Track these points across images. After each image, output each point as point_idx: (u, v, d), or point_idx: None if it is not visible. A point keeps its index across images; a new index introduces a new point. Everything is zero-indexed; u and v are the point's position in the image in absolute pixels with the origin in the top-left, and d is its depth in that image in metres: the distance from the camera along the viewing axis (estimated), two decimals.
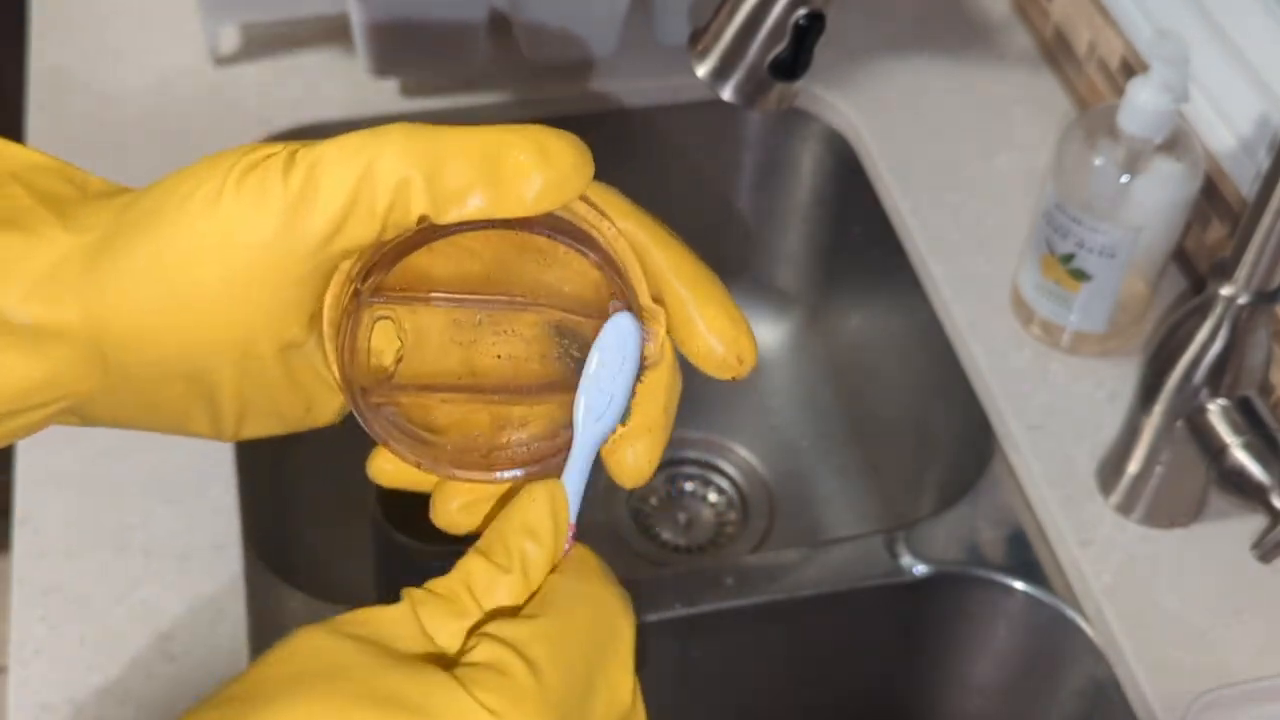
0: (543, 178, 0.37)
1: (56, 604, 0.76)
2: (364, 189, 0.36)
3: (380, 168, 0.36)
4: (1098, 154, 0.83)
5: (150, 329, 0.37)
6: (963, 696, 0.91)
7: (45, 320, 0.37)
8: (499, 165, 0.37)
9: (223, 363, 0.39)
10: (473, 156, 0.37)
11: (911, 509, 1.01)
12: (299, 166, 0.37)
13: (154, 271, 0.37)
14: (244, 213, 0.36)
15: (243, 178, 0.37)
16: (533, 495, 0.39)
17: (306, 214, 0.36)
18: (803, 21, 0.56)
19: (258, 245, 0.36)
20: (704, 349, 0.40)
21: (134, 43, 1.07)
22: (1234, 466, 0.74)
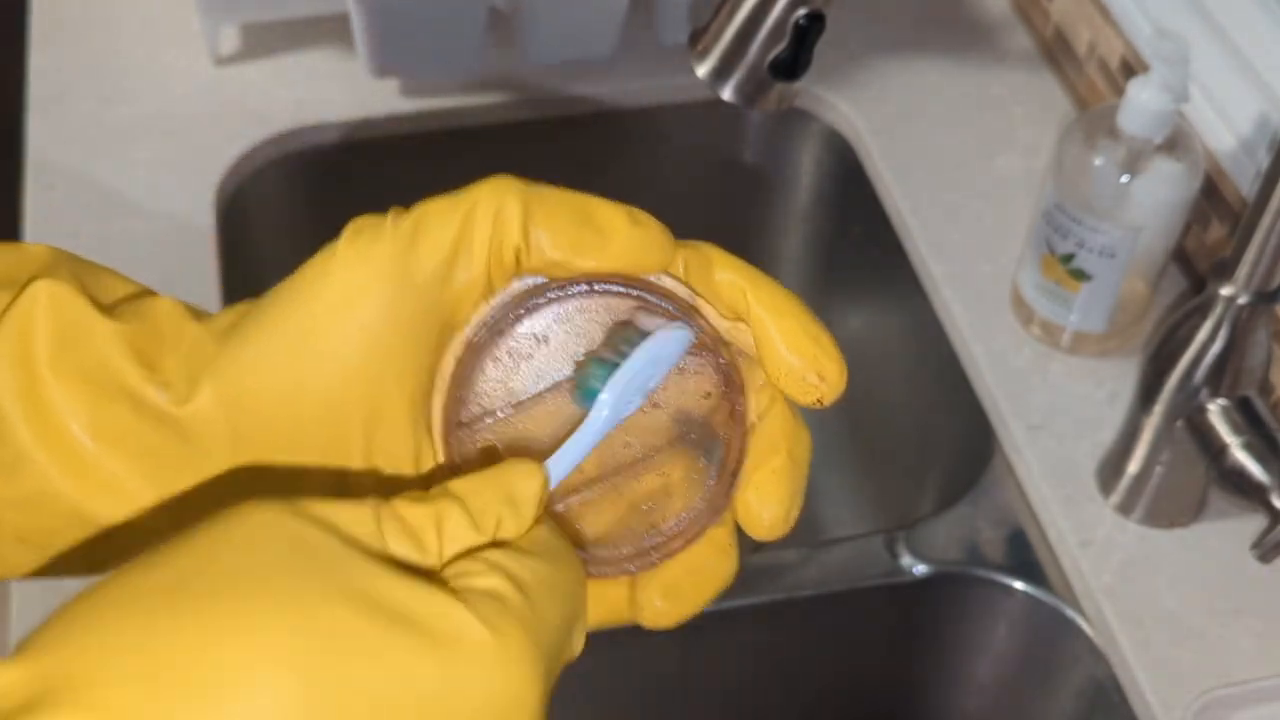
0: (629, 235, 0.39)
1: (56, 604, 0.76)
2: (467, 227, 0.38)
3: (480, 206, 0.38)
4: (1098, 154, 0.83)
5: (281, 399, 0.38)
6: (963, 696, 0.91)
7: (179, 408, 0.38)
8: (590, 216, 0.39)
9: (353, 426, 0.39)
10: (566, 205, 0.39)
11: (911, 509, 1.01)
12: (406, 219, 0.38)
13: (279, 337, 0.38)
14: (358, 266, 0.38)
15: (353, 237, 0.38)
16: (525, 471, 0.38)
17: (417, 257, 0.38)
18: (803, 21, 0.56)
19: (375, 295, 0.38)
20: (782, 365, 0.40)
21: (134, 43, 1.07)
22: (1234, 466, 0.74)
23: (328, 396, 0.38)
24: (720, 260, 0.41)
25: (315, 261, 0.38)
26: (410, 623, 0.33)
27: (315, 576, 0.32)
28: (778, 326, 0.40)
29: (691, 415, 0.40)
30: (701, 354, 0.40)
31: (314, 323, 0.38)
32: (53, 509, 0.38)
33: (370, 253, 0.38)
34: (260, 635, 0.31)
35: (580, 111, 1.07)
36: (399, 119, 1.04)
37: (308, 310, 0.38)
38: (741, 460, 0.40)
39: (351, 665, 0.32)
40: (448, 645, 0.33)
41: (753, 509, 0.41)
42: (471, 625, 0.33)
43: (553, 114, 1.07)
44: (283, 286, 0.39)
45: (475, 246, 0.38)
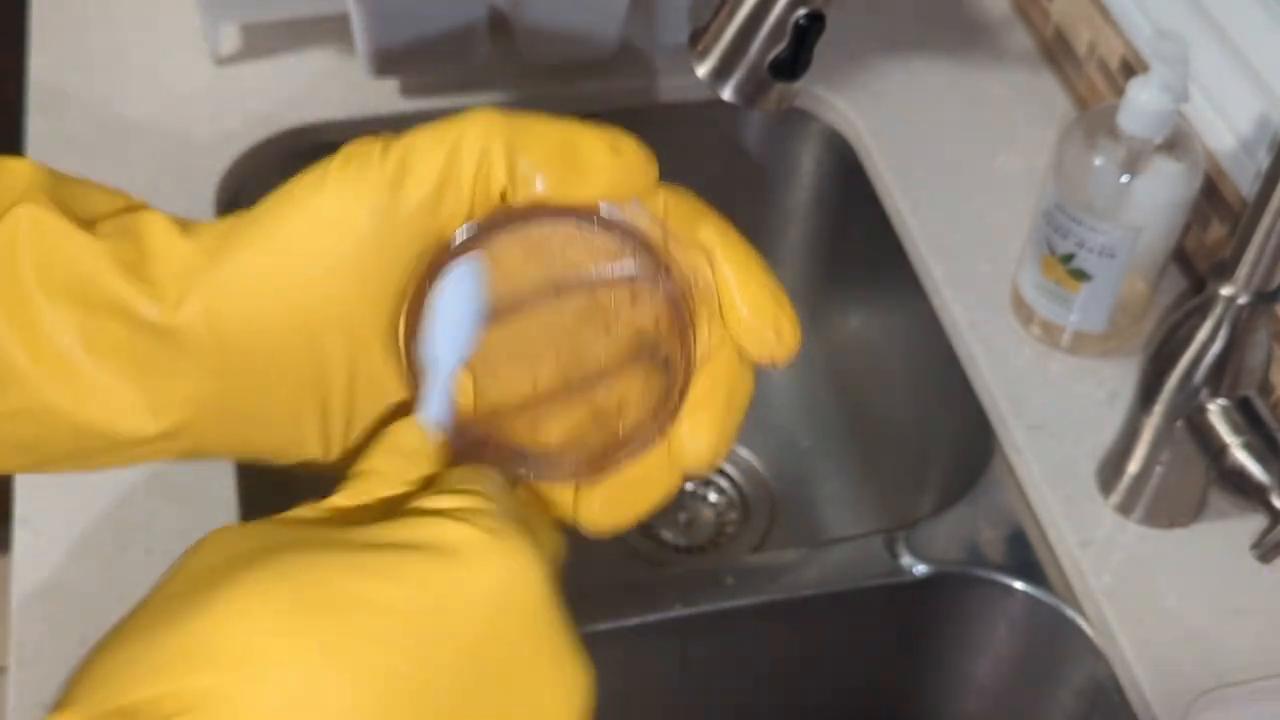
0: (610, 164, 0.40)
1: (56, 604, 0.76)
2: (452, 162, 0.39)
3: (466, 142, 0.39)
4: (1098, 154, 0.83)
5: (267, 314, 0.39)
6: (963, 696, 0.91)
7: (170, 319, 0.39)
8: (573, 150, 0.40)
9: (335, 350, 0.40)
10: (549, 139, 0.40)
11: (911, 509, 1.01)
12: (394, 149, 0.39)
13: (266, 254, 0.39)
14: (347, 191, 0.39)
15: (344, 163, 0.39)
16: (403, 424, 0.39)
17: (403, 188, 0.39)
18: (803, 21, 0.56)
19: (363, 221, 0.39)
20: (742, 320, 0.41)
21: (134, 43, 1.07)
22: (1234, 466, 0.74)
23: (308, 316, 0.39)
24: (695, 207, 0.42)
25: (306, 182, 0.39)
26: (399, 544, 0.34)
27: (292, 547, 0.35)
28: (741, 282, 0.41)
29: (648, 337, 0.41)
30: (660, 284, 0.41)
31: (298, 244, 0.39)
32: (48, 420, 0.39)
33: (358, 181, 0.39)
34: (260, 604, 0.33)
35: (580, 111, 1.07)
36: (399, 119, 1.04)
37: (293, 230, 0.39)
38: (687, 386, 0.41)
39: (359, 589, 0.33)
40: (444, 550, 0.34)
41: (684, 442, 0.42)
42: (460, 529, 0.35)
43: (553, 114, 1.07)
44: (272, 203, 0.40)
45: (462, 183, 0.39)
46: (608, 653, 0.82)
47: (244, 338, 0.39)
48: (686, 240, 0.42)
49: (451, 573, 0.34)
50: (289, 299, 0.39)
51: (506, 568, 0.35)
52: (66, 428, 0.39)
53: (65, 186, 0.41)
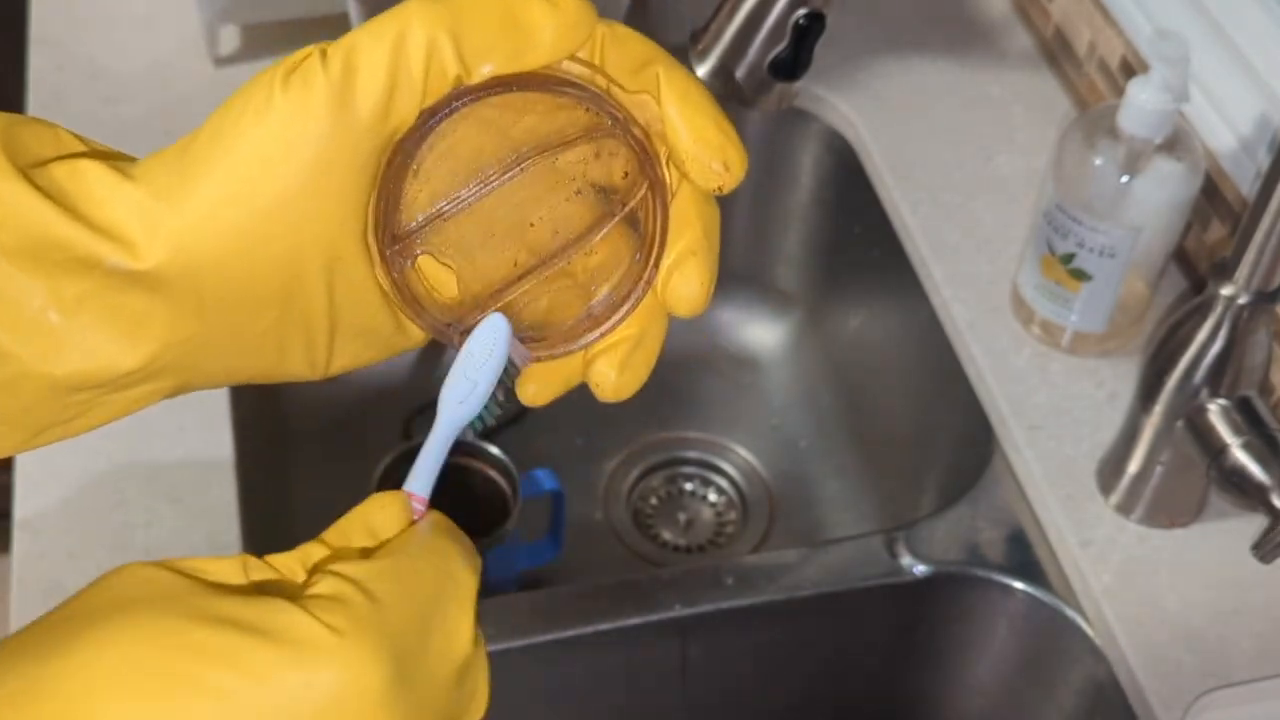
0: (554, 24, 0.39)
1: (56, 604, 0.76)
2: (399, 60, 0.38)
3: (410, 37, 0.38)
4: (1098, 154, 0.83)
5: (237, 249, 0.38)
6: (963, 696, 0.91)
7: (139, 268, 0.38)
8: (514, 18, 0.39)
9: (311, 270, 0.39)
10: (490, 14, 0.39)
11: (911, 509, 1.01)
12: (335, 56, 0.38)
13: (229, 190, 0.38)
14: (296, 110, 0.38)
15: (286, 81, 0.38)
16: (381, 503, 0.41)
17: (353, 96, 0.38)
18: (803, 21, 0.57)
19: (316, 138, 0.38)
20: (689, 151, 0.40)
21: (134, 43, 1.07)
22: (1234, 466, 0.74)
23: (279, 244, 0.39)
24: (631, 39, 0.42)
25: (252, 106, 0.38)
26: (253, 629, 0.36)
27: (162, 604, 0.36)
28: (685, 113, 0.41)
29: (612, 194, 0.41)
30: (615, 135, 0.40)
31: (257, 172, 0.38)
32: (29, 386, 0.38)
33: (305, 98, 0.38)
34: (107, 656, 0.35)
35: None
36: None
37: (249, 159, 0.38)
38: (665, 229, 0.41)
39: (196, 668, 0.35)
40: (287, 643, 0.36)
41: (674, 286, 0.42)
42: (308, 625, 0.36)
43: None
44: (219, 130, 0.39)
45: (413, 80, 0.38)
46: (608, 653, 0.82)
47: (216, 274, 0.38)
48: (628, 80, 0.41)
49: (289, 668, 0.35)
50: (257, 230, 0.38)
51: (344, 670, 0.36)
52: (48, 390, 0.39)
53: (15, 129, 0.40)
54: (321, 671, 0.36)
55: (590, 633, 0.79)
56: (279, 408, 1.02)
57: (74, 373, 0.38)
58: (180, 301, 0.38)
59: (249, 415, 0.88)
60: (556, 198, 0.41)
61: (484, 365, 0.41)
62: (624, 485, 1.10)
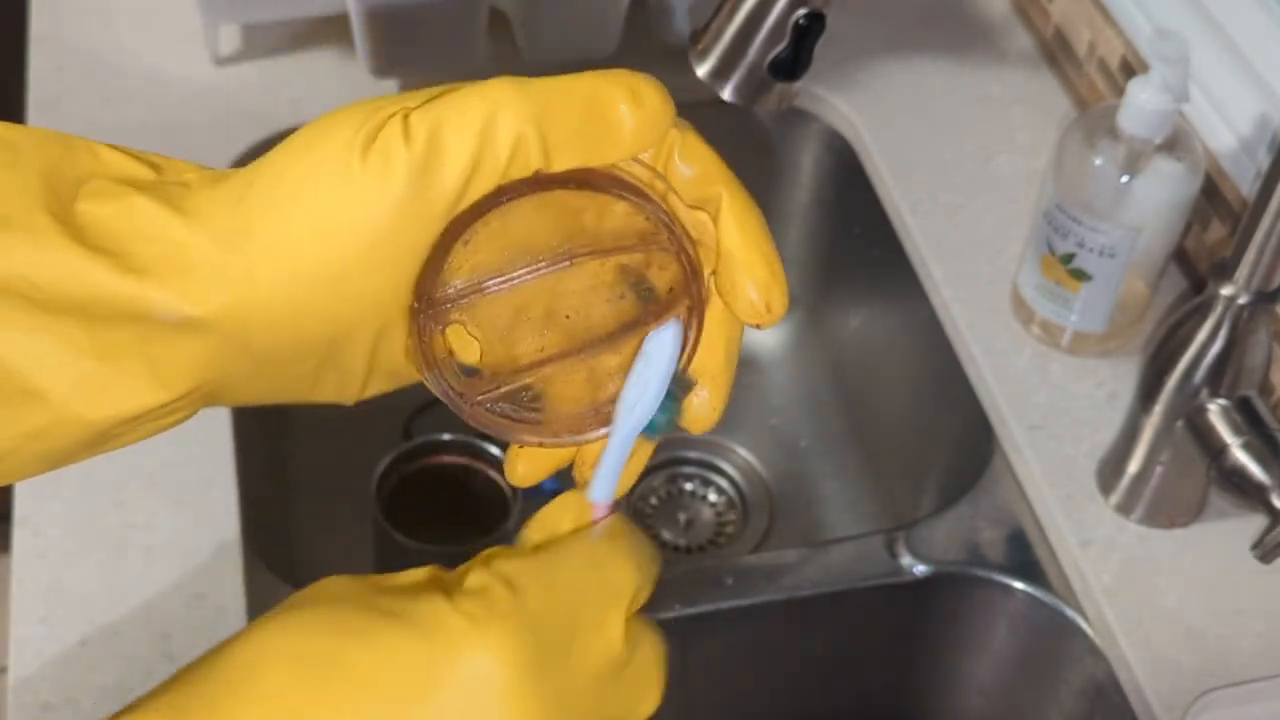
0: (636, 123, 0.40)
1: (56, 604, 0.76)
2: (485, 147, 0.38)
3: (499, 126, 0.38)
4: (1098, 154, 0.83)
5: (293, 311, 0.38)
6: (963, 696, 0.91)
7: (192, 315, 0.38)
8: (599, 113, 0.39)
9: (363, 333, 0.40)
10: (575, 108, 0.39)
11: (911, 509, 1.01)
12: (419, 131, 0.37)
13: (293, 253, 0.38)
14: (373, 185, 0.37)
15: (366, 150, 0.37)
16: (562, 504, 0.43)
17: (435, 178, 0.38)
18: (803, 21, 0.56)
19: (390, 215, 0.37)
20: (737, 288, 0.41)
21: (134, 43, 1.07)
22: (1234, 466, 0.74)
23: (335, 310, 0.39)
24: (701, 152, 0.41)
25: (327, 167, 0.38)
26: (392, 614, 0.39)
27: (335, 598, 0.40)
28: (741, 245, 0.41)
29: (651, 302, 0.41)
30: (669, 250, 0.41)
31: (325, 245, 0.38)
32: (69, 430, 0.38)
33: (385, 178, 0.37)
34: (274, 637, 0.39)
35: None
36: None
37: (319, 232, 0.38)
38: (695, 349, 0.42)
39: (336, 644, 0.38)
40: (421, 626, 0.38)
41: (694, 409, 0.43)
42: (445, 612, 0.38)
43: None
44: (286, 186, 0.38)
45: (497, 168, 0.38)
46: None
47: (266, 329, 0.38)
48: (688, 190, 0.41)
49: (418, 650, 0.38)
50: (314, 296, 0.38)
51: (474, 655, 0.38)
52: (86, 432, 0.39)
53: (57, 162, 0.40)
54: (450, 654, 0.38)
55: None
56: (279, 408, 1.02)
57: (108, 416, 0.38)
58: (224, 347, 0.39)
59: (249, 415, 0.88)
60: (598, 297, 0.41)
61: (656, 374, 0.41)
62: None
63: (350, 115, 0.38)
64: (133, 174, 0.40)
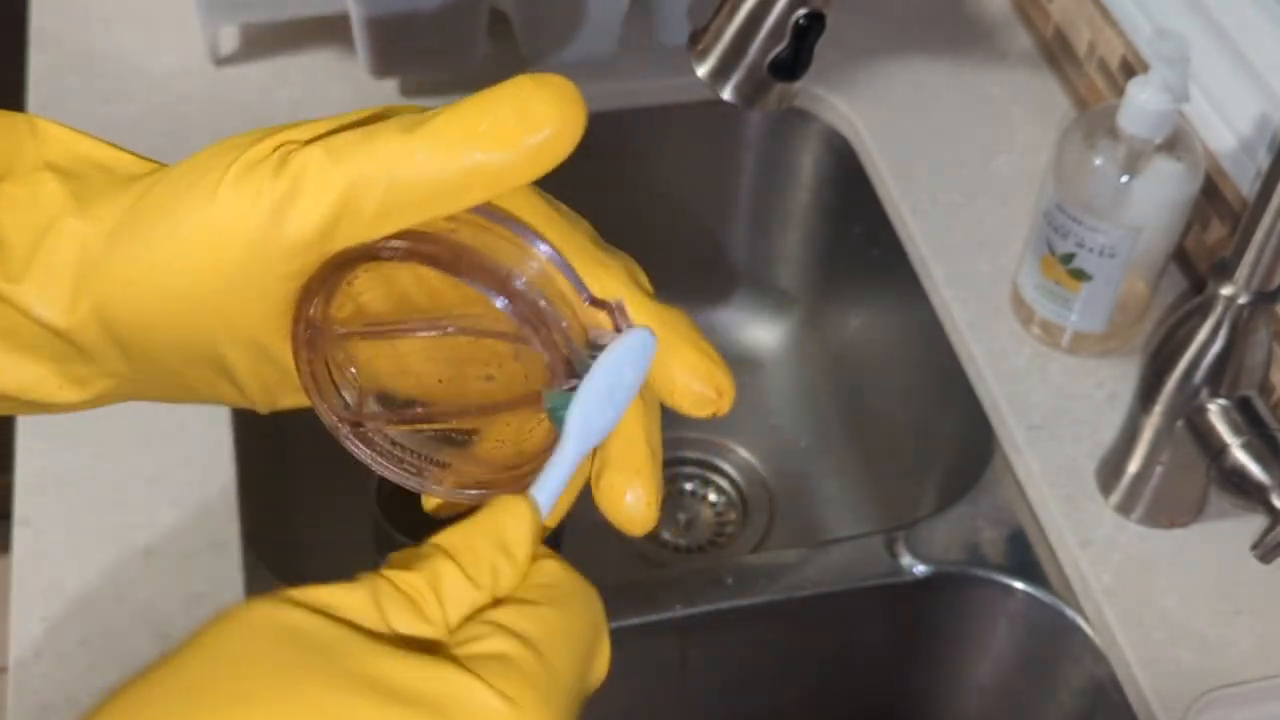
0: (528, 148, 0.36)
1: (56, 604, 0.76)
2: (350, 197, 0.36)
3: (365, 179, 0.36)
4: (1098, 154, 0.83)
5: (151, 320, 0.38)
6: (963, 696, 0.91)
7: (61, 319, 0.38)
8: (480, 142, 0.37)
9: (229, 350, 0.39)
10: (455, 149, 0.36)
11: (911, 509, 1.01)
12: (288, 170, 0.36)
13: (153, 263, 0.37)
14: (237, 209, 0.37)
15: (240, 175, 0.37)
16: (514, 511, 0.37)
17: (287, 218, 0.36)
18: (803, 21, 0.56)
19: (246, 243, 0.37)
20: (683, 389, 0.40)
21: (134, 43, 1.07)
22: (1234, 466, 0.74)
23: (199, 330, 0.38)
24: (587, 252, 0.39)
25: (201, 186, 0.37)
26: (420, 701, 0.32)
27: (319, 668, 0.32)
28: (677, 351, 0.40)
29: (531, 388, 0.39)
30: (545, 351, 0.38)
31: (182, 253, 0.37)
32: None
33: (249, 208, 0.36)
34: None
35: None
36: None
37: (180, 239, 0.37)
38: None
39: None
40: (461, 717, 0.32)
41: (628, 509, 0.41)
42: (483, 695, 0.32)
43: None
44: (167, 198, 0.38)
45: (360, 219, 0.36)
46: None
47: (134, 337, 0.38)
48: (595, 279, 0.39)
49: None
50: (172, 310, 0.38)
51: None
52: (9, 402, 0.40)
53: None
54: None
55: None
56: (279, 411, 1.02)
57: (20, 393, 0.39)
58: (106, 353, 0.39)
59: (249, 415, 0.88)
60: (468, 374, 0.40)
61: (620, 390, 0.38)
62: None
63: (244, 139, 0.38)
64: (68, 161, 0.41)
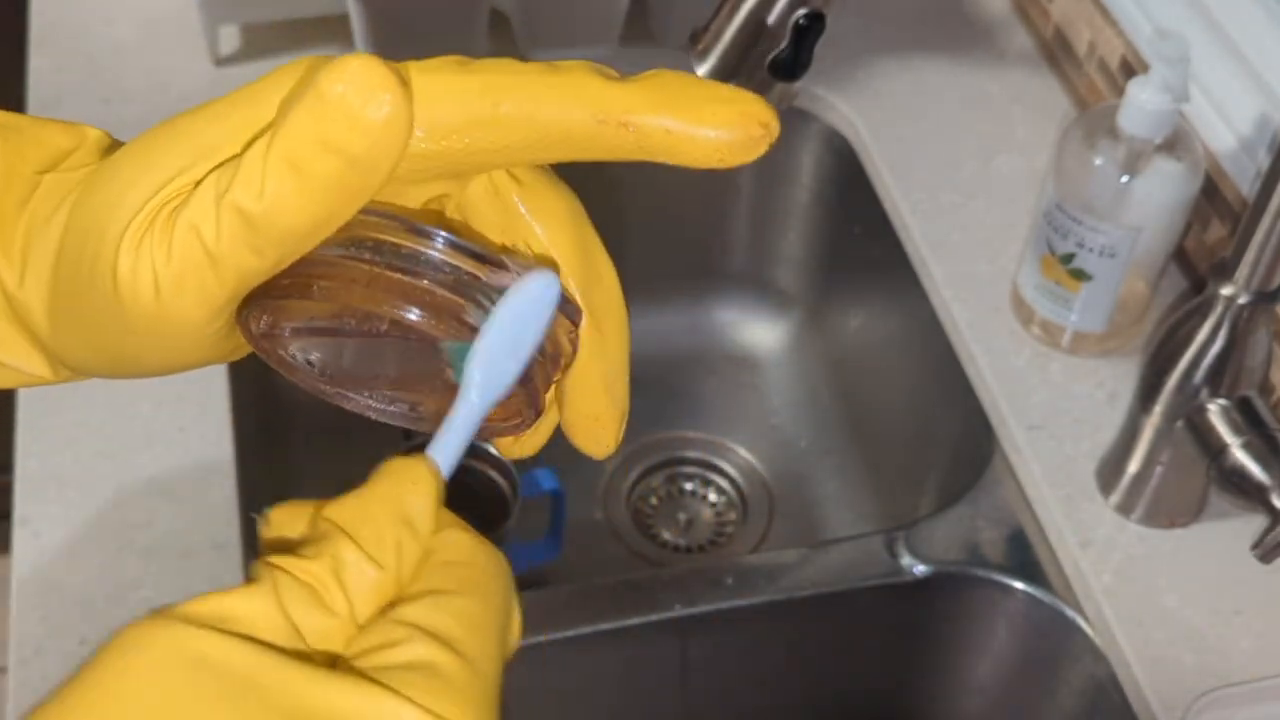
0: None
1: (56, 604, 0.76)
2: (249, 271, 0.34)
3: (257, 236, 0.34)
4: (1098, 154, 0.83)
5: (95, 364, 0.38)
6: (963, 696, 0.91)
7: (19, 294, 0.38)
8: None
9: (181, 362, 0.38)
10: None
11: (911, 509, 1.01)
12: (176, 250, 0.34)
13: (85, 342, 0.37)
14: (139, 300, 0.34)
15: (133, 250, 0.34)
16: (413, 476, 0.35)
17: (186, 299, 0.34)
18: (803, 21, 0.56)
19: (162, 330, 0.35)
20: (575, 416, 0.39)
21: (134, 43, 1.07)
22: (1234, 466, 0.74)
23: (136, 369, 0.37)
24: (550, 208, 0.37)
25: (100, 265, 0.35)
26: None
27: (233, 704, 0.30)
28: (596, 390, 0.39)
29: None
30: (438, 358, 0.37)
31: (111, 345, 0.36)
32: None
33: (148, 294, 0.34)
34: None
35: None
36: None
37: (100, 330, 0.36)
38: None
39: None
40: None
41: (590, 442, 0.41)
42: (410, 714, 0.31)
43: None
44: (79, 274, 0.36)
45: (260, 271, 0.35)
46: (608, 653, 0.82)
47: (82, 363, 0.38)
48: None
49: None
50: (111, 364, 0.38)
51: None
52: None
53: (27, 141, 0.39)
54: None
55: (590, 633, 0.79)
56: (279, 407, 1.02)
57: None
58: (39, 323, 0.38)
59: (249, 415, 0.88)
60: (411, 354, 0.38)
61: (521, 344, 0.35)
62: (624, 485, 1.10)
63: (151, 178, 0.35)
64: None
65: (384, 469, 0.35)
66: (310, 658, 0.32)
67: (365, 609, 0.33)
